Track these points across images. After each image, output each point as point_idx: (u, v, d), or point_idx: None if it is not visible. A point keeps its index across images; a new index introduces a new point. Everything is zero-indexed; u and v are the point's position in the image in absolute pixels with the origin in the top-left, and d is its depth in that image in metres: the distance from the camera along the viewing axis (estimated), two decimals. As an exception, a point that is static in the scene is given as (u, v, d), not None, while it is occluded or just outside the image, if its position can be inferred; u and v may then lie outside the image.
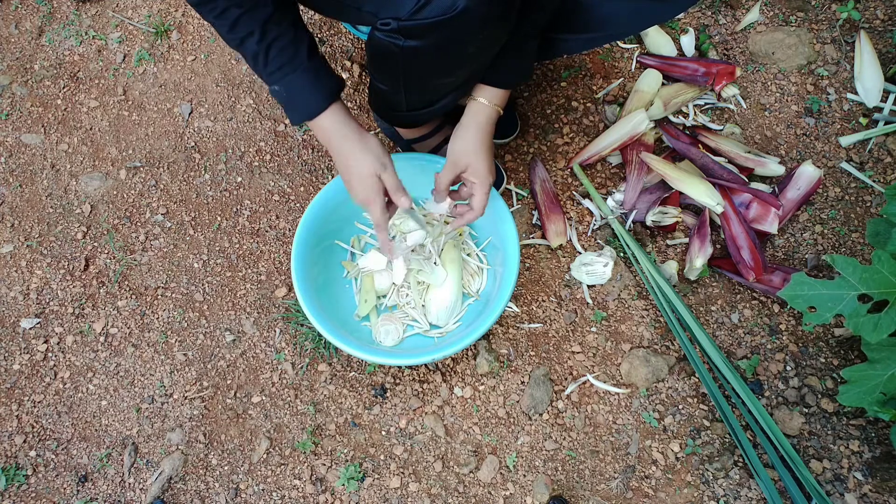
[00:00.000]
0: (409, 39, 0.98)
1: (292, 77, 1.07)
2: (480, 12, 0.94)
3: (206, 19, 1.05)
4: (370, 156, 1.14)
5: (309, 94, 1.10)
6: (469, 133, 1.19)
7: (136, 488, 1.35)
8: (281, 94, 1.10)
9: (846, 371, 1.19)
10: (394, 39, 0.99)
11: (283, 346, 1.43)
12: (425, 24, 0.94)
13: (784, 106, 1.57)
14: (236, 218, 1.54)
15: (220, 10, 1.01)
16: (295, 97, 1.10)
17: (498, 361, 1.39)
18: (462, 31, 0.96)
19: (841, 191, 1.49)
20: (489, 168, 1.20)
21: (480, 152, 1.19)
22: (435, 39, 0.98)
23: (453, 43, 0.99)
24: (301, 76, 1.08)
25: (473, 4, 0.92)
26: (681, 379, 1.37)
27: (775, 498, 1.23)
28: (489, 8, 0.94)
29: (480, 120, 1.18)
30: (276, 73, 1.07)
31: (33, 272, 1.51)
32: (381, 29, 0.99)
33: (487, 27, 0.98)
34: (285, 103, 1.11)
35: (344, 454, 1.35)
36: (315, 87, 1.09)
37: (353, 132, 1.14)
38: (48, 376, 1.43)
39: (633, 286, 1.43)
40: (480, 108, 1.18)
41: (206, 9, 1.01)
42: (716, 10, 1.65)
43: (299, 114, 1.12)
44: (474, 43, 1.00)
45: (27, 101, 1.66)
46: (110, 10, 1.73)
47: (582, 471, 1.32)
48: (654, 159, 1.43)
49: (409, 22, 0.95)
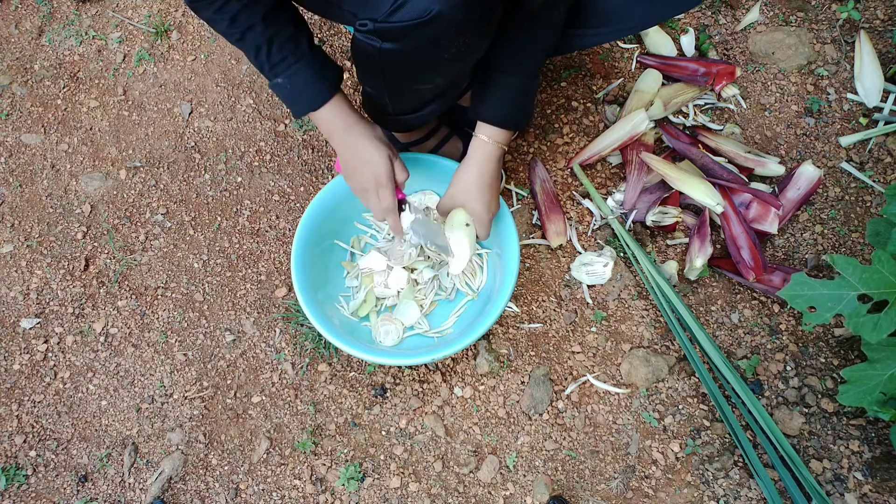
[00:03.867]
0: (386, 42, 0.98)
1: (295, 68, 1.07)
2: (456, 18, 0.93)
3: (203, 15, 1.04)
4: (378, 141, 1.15)
5: (312, 85, 1.10)
6: (467, 174, 1.22)
7: (136, 488, 1.35)
8: (284, 87, 1.10)
9: (846, 371, 1.19)
10: (371, 41, 0.99)
11: (283, 346, 1.43)
12: (400, 27, 0.94)
13: (784, 106, 1.57)
14: (236, 218, 1.54)
15: (219, 5, 1.01)
16: (299, 89, 1.10)
17: (498, 361, 1.39)
18: (437, 36, 0.96)
19: (841, 191, 1.49)
20: (486, 206, 1.23)
21: (477, 192, 1.21)
22: (411, 43, 0.97)
23: (429, 47, 0.98)
24: (304, 67, 1.08)
25: (448, 10, 0.92)
26: (681, 379, 1.37)
27: (775, 498, 1.23)
28: (465, 14, 0.94)
29: (479, 157, 1.20)
30: (280, 65, 1.07)
31: (33, 272, 1.51)
32: (360, 30, 0.99)
33: (464, 34, 0.98)
34: (288, 96, 1.11)
35: (344, 454, 1.35)
36: (317, 78, 1.10)
37: (359, 120, 1.15)
38: (48, 376, 1.43)
39: (633, 286, 1.43)
40: (480, 145, 1.20)
41: (204, 4, 1.01)
42: (716, 10, 1.65)
43: (303, 106, 1.12)
44: (451, 48, 1.00)
45: (27, 101, 1.66)
46: (110, 10, 1.73)
47: (582, 471, 1.32)
48: (654, 159, 1.43)
49: (384, 24, 0.95)
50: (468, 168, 1.22)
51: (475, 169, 1.21)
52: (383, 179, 1.16)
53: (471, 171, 1.22)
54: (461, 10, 0.93)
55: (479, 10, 0.96)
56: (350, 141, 1.15)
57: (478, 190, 1.22)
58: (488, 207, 1.24)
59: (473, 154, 1.21)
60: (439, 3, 0.91)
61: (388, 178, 1.16)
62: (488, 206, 1.23)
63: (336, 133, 1.15)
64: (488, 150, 1.20)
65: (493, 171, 1.22)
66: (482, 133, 1.19)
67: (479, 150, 1.20)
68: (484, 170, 1.21)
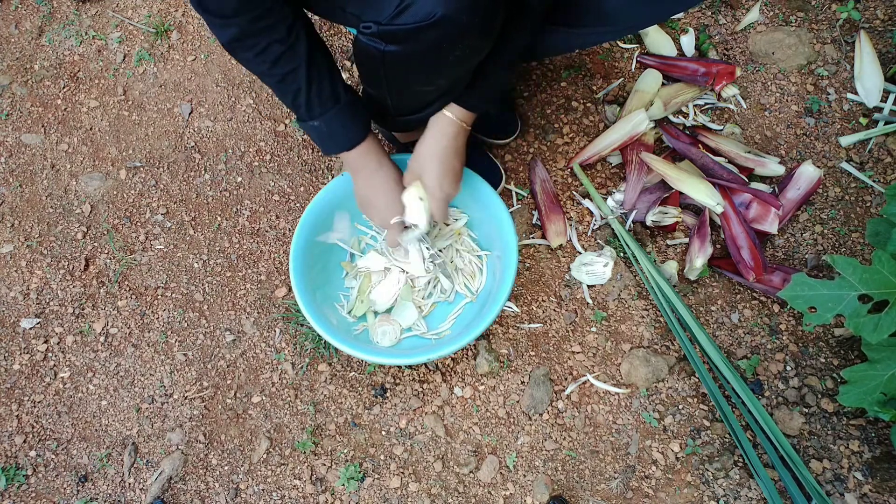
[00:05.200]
0: (390, 44, 0.98)
1: (333, 112, 1.11)
2: (460, 21, 0.93)
3: (240, 57, 1.05)
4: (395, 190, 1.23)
5: (349, 127, 1.14)
6: (424, 145, 1.20)
7: (136, 488, 1.35)
8: (321, 130, 1.13)
9: (846, 371, 1.19)
10: (375, 43, 0.98)
11: (283, 346, 1.43)
12: (404, 29, 0.94)
13: (784, 106, 1.57)
14: (236, 218, 1.54)
15: (261, 48, 1.01)
16: (334, 131, 1.14)
17: (498, 361, 1.39)
18: (441, 39, 0.96)
19: (841, 191, 1.49)
20: (439, 182, 1.20)
21: (430, 164, 1.20)
22: (414, 46, 0.97)
23: (433, 50, 0.98)
24: (341, 111, 1.12)
25: (452, 13, 0.92)
26: (681, 379, 1.37)
27: (775, 498, 1.23)
28: (469, 17, 0.94)
29: (436, 131, 1.19)
30: (318, 108, 1.10)
31: (33, 272, 1.51)
32: (364, 32, 0.99)
33: (467, 37, 0.97)
34: (323, 137, 1.15)
35: (344, 454, 1.35)
36: (354, 121, 1.14)
37: (386, 160, 1.23)
38: (48, 376, 1.43)
39: (633, 286, 1.43)
40: (441, 118, 1.18)
41: (245, 45, 1.02)
42: (716, 10, 1.65)
43: (336, 146, 1.17)
44: (454, 51, 1.00)
45: (27, 101, 1.66)
46: (110, 10, 1.73)
47: (582, 471, 1.32)
48: (654, 159, 1.43)
49: (388, 27, 0.95)
50: (425, 139, 1.20)
51: (432, 141, 1.19)
52: (388, 223, 1.26)
53: (428, 142, 1.19)
54: (465, 13, 0.93)
55: (482, 13, 0.95)
56: (371, 183, 1.22)
57: (430, 162, 1.19)
58: (440, 184, 1.20)
59: (432, 126, 1.19)
60: (443, 6, 0.91)
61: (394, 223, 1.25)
62: (440, 182, 1.20)
63: (364, 170, 1.21)
64: (446, 125, 1.18)
65: (450, 147, 1.19)
66: (448, 110, 1.17)
67: (438, 122, 1.18)
68: (440, 143, 1.18)
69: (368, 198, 1.25)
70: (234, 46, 1.03)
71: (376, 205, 1.25)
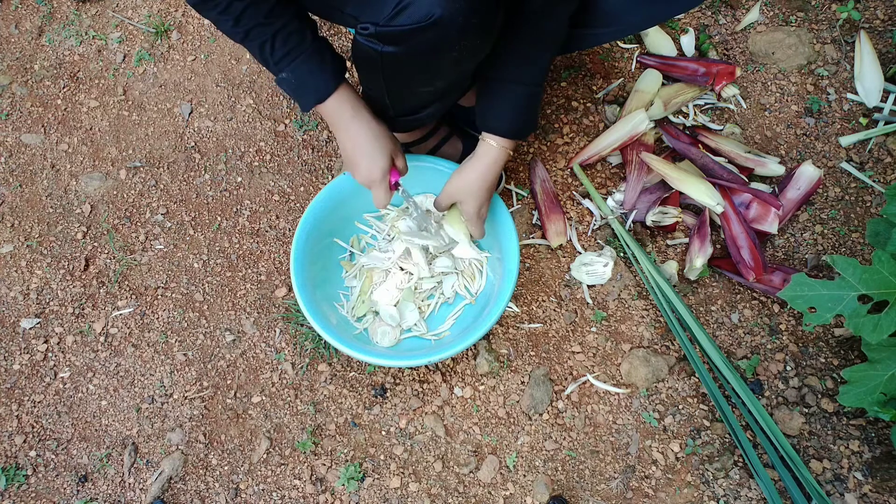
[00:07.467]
0: (387, 45, 0.98)
1: (300, 60, 1.08)
2: (457, 22, 0.93)
3: (207, 16, 1.05)
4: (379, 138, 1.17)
5: (318, 75, 1.10)
6: (472, 172, 1.22)
7: (136, 488, 1.35)
8: (290, 82, 1.10)
9: (846, 371, 1.19)
10: (373, 44, 0.99)
11: (283, 346, 1.43)
12: (401, 31, 0.94)
13: (784, 106, 1.57)
14: (236, 218, 1.54)
15: (223, 6, 1.01)
16: (304, 81, 1.10)
17: (498, 361, 1.39)
18: (439, 40, 0.96)
19: (841, 191, 1.49)
20: (478, 208, 1.24)
21: (476, 192, 1.22)
22: (412, 47, 0.97)
23: (431, 51, 0.98)
24: (308, 58, 1.08)
25: (450, 14, 0.92)
26: (681, 379, 1.37)
27: (775, 498, 1.23)
28: (466, 19, 0.94)
29: (486, 160, 1.20)
30: (284, 59, 1.08)
31: (33, 272, 1.51)
32: (361, 33, 0.99)
33: (465, 38, 0.98)
34: (295, 90, 1.12)
35: (344, 454, 1.35)
36: (322, 68, 1.10)
37: (362, 111, 1.16)
38: (48, 376, 1.43)
39: (633, 286, 1.43)
40: (488, 148, 1.20)
41: (208, 5, 1.02)
42: (716, 10, 1.65)
43: (309, 98, 1.13)
44: (452, 53, 1.00)
45: (27, 101, 1.66)
46: (110, 10, 1.73)
47: (582, 471, 1.32)
48: (654, 159, 1.43)
49: (386, 28, 0.95)
50: (473, 167, 1.22)
51: (480, 169, 1.21)
52: (377, 177, 1.19)
53: (476, 170, 1.21)
54: (462, 14, 0.93)
55: (480, 14, 0.95)
56: (352, 134, 1.16)
57: (477, 190, 1.22)
58: (479, 211, 1.25)
59: (481, 156, 1.21)
60: (441, 7, 0.91)
61: (382, 176, 1.19)
62: (480, 208, 1.24)
63: (341, 122, 1.16)
64: (495, 154, 1.20)
65: (495, 174, 1.22)
66: (490, 138, 1.19)
67: (487, 153, 1.20)
68: (488, 171, 1.21)
69: (348, 153, 1.19)
70: (200, 7, 1.03)
71: (356, 160, 1.18)
